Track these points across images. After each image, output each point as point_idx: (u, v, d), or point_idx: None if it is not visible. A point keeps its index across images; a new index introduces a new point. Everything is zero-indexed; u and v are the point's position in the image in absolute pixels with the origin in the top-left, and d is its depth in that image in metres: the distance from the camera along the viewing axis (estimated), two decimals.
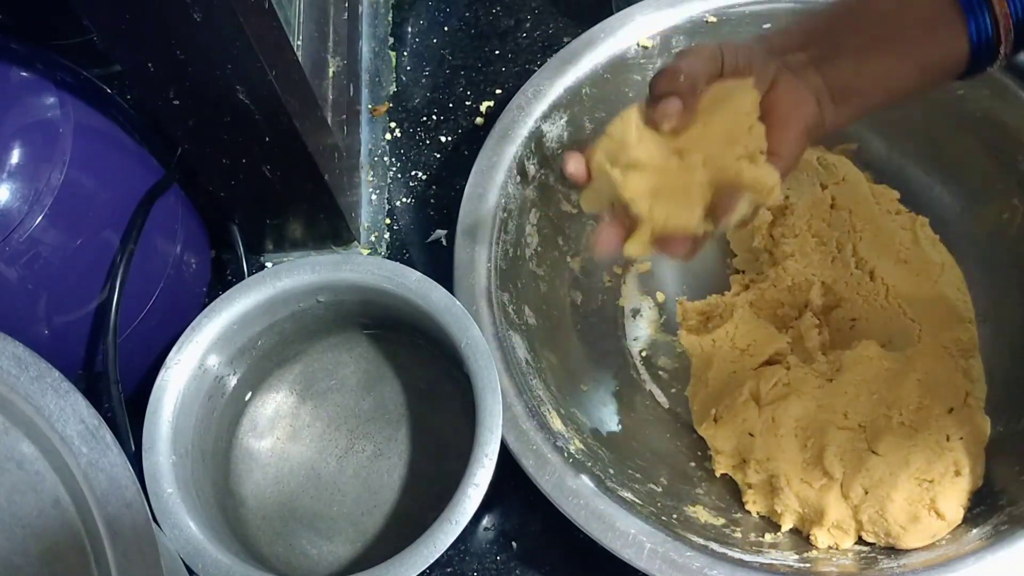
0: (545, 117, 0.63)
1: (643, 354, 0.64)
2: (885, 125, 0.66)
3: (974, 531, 0.51)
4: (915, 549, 0.52)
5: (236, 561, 0.51)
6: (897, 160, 0.66)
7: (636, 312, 0.65)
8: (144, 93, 0.52)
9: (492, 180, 0.61)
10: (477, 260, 0.59)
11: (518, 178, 0.62)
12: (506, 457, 0.52)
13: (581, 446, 0.55)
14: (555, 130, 0.64)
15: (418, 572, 0.49)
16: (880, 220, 0.61)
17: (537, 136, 0.63)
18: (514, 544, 0.59)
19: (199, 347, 0.56)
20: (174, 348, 0.56)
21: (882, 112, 0.66)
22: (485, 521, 0.60)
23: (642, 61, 0.66)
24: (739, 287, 0.63)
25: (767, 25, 0.65)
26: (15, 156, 0.49)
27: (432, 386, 0.62)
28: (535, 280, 0.63)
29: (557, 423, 0.55)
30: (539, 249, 0.63)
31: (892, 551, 0.53)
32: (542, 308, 0.62)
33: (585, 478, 0.52)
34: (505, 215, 0.61)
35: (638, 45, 0.65)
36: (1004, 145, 0.60)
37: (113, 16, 0.45)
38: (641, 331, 0.64)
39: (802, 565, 0.51)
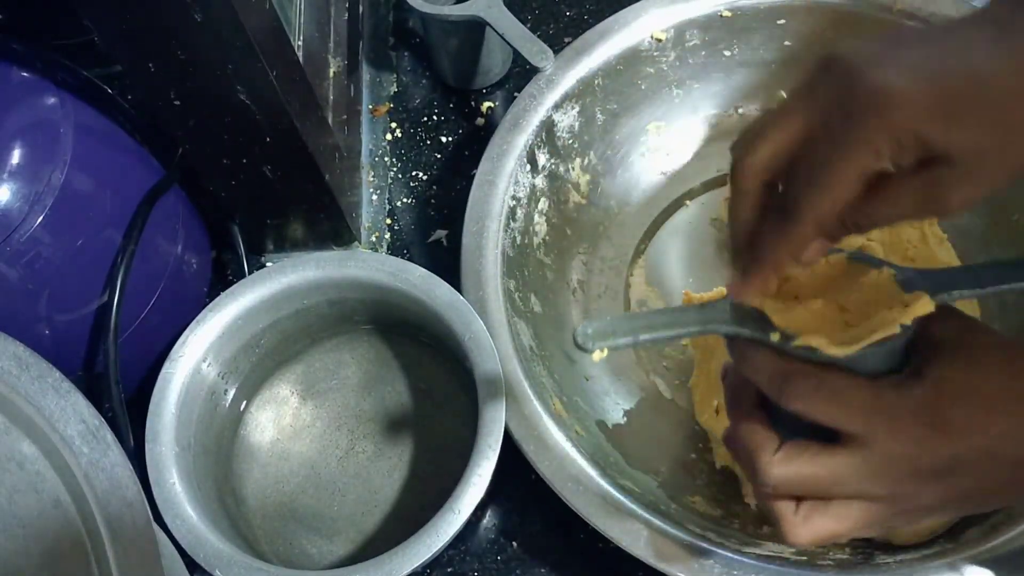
0: (557, 107, 0.64)
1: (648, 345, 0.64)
2: None
3: (972, 528, 0.51)
4: (912, 545, 0.52)
5: (237, 551, 0.51)
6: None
7: (642, 303, 0.65)
8: (145, 93, 0.52)
9: (502, 168, 0.62)
10: (485, 247, 0.59)
11: (528, 167, 0.62)
12: (507, 456, 0.52)
13: (583, 433, 0.56)
14: (566, 120, 0.65)
15: (421, 562, 0.49)
16: None
17: (548, 125, 0.63)
18: (514, 544, 0.59)
19: (203, 341, 0.57)
20: (179, 341, 0.56)
21: None
22: (485, 521, 0.60)
23: (655, 54, 0.66)
24: None
25: (781, 21, 0.65)
26: (16, 156, 0.49)
27: (434, 387, 0.62)
28: (542, 268, 0.63)
29: (560, 410, 0.55)
30: (547, 238, 0.64)
31: (888, 546, 0.53)
32: (548, 297, 0.62)
33: (586, 465, 0.53)
34: (514, 203, 0.61)
35: (652, 38, 0.65)
36: None
37: (114, 16, 0.45)
38: None
39: (798, 558, 0.51)
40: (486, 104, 0.74)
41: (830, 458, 0.38)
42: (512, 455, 0.53)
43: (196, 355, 0.56)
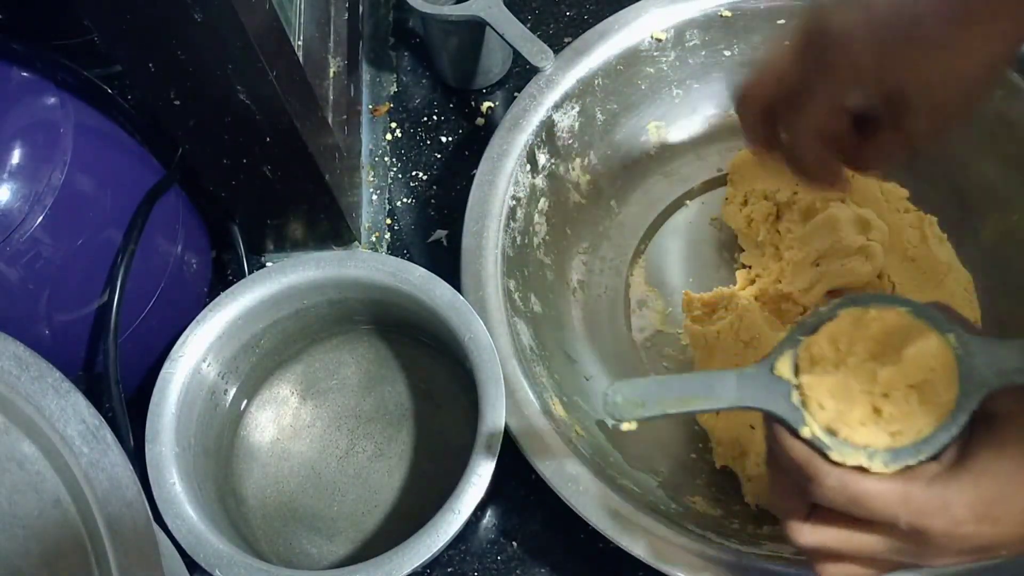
0: (557, 107, 0.64)
1: (648, 345, 0.64)
2: None
3: None
4: None
5: (238, 551, 0.51)
6: (906, 158, 0.66)
7: (642, 304, 0.65)
8: (145, 93, 0.52)
9: (502, 168, 0.62)
10: (485, 247, 0.59)
11: (528, 167, 0.62)
12: (507, 456, 0.52)
13: (583, 433, 0.56)
14: (566, 120, 0.65)
15: (421, 562, 0.49)
16: (888, 218, 0.61)
17: (548, 125, 0.64)
18: (514, 543, 0.59)
19: (203, 341, 0.57)
20: (179, 341, 0.56)
21: None
22: (485, 520, 0.60)
23: (655, 54, 0.66)
24: (745, 281, 0.63)
25: (781, 21, 0.65)
26: (16, 156, 0.49)
27: (434, 386, 0.62)
28: (542, 268, 0.63)
29: (560, 410, 0.55)
30: (547, 238, 0.64)
31: None
32: (548, 296, 0.62)
33: (585, 465, 0.53)
34: (514, 203, 0.61)
35: (651, 37, 0.65)
36: (1014, 146, 0.60)
37: (114, 16, 0.45)
38: (646, 322, 0.64)
39: (798, 557, 0.51)
40: (486, 104, 0.74)
41: (859, 533, 0.38)
42: (512, 455, 0.53)
43: (196, 355, 0.56)
